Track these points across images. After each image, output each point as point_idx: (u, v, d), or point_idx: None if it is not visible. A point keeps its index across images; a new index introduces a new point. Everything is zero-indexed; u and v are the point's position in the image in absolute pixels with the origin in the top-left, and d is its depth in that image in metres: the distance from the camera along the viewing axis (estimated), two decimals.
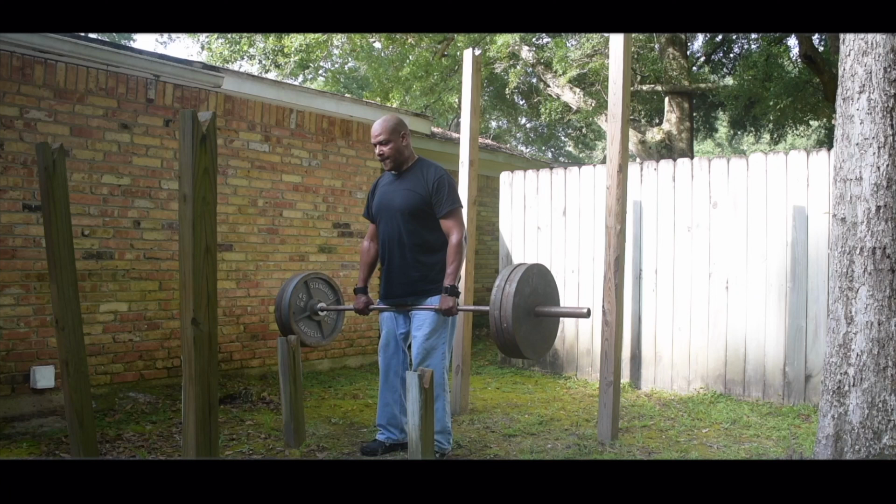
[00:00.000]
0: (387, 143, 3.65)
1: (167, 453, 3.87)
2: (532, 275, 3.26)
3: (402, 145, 3.68)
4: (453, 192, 3.67)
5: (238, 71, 6.06)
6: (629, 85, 4.26)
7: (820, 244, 4.99)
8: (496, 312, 3.15)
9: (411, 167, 3.75)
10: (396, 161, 3.70)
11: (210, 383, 2.29)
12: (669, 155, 10.27)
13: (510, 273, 3.23)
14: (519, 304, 3.15)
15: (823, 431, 3.01)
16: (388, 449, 3.89)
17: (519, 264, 3.32)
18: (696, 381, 5.54)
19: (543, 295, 3.36)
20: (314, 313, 4.09)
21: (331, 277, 4.20)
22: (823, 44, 10.91)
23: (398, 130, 3.67)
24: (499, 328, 3.15)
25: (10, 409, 4.39)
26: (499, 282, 3.20)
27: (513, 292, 3.12)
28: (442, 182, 3.65)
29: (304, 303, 3.96)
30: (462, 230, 3.64)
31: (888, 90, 2.83)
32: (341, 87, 17.52)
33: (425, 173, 3.69)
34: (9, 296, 4.48)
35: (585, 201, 6.18)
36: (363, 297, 3.88)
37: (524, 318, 3.21)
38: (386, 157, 3.68)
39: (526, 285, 3.21)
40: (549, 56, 10.94)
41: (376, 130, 3.66)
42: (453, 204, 3.65)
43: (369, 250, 3.95)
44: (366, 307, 3.87)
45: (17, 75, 4.49)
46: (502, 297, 3.14)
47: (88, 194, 4.83)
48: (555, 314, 3.37)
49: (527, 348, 3.22)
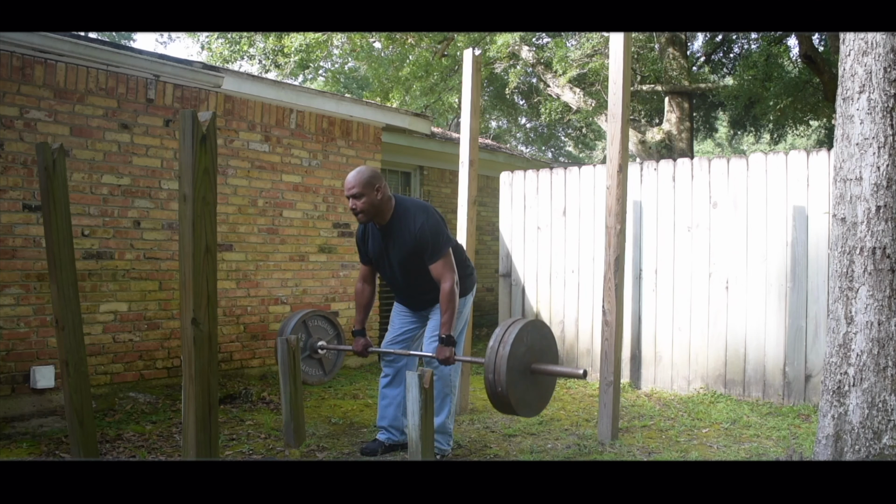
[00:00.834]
0: (360, 197, 3.48)
1: (167, 453, 3.87)
2: (527, 332, 3.24)
3: (376, 199, 3.51)
4: (438, 238, 3.54)
5: (238, 71, 6.06)
6: (629, 85, 4.26)
7: (820, 244, 4.99)
8: (490, 376, 3.14)
9: (393, 218, 3.60)
10: (370, 215, 3.55)
11: (210, 383, 2.29)
12: (669, 155, 10.27)
13: (504, 333, 3.21)
14: (514, 366, 3.14)
15: (823, 431, 3.01)
16: (388, 449, 3.90)
17: (514, 321, 3.30)
18: (696, 381, 5.54)
19: (540, 350, 3.33)
20: (314, 352, 4.14)
21: (328, 313, 4.26)
22: (823, 44, 10.91)
23: (372, 184, 3.49)
24: (493, 391, 3.15)
25: (10, 409, 4.39)
26: (492, 343, 3.19)
27: (507, 355, 3.11)
28: (424, 232, 3.52)
29: (303, 342, 3.96)
30: (453, 275, 3.53)
31: (888, 90, 2.83)
32: (341, 87, 17.53)
33: (409, 225, 3.56)
34: (9, 296, 4.48)
35: (585, 201, 6.18)
36: (362, 339, 3.83)
37: (519, 379, 3.19)
38: (359, 211, 3.52)
39: (520, 345, 3.19)
40: (549, 56, 10.94)
41: (349, 183, 3.50)
42: (440, 251, 3.53)
43: (363, 292, 3.89)
44: (365, 349, 3.83)
45: (17, 75, 4.49)
46: (496, 360, 3.13)
47: (88, 194, 4.83)
48: (549, 373, 3.32)
49: (522, 408, 3.23)
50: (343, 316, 6.36)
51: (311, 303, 6.12)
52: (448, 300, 3.49)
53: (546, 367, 3.28)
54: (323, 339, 4.17)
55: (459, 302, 3.78)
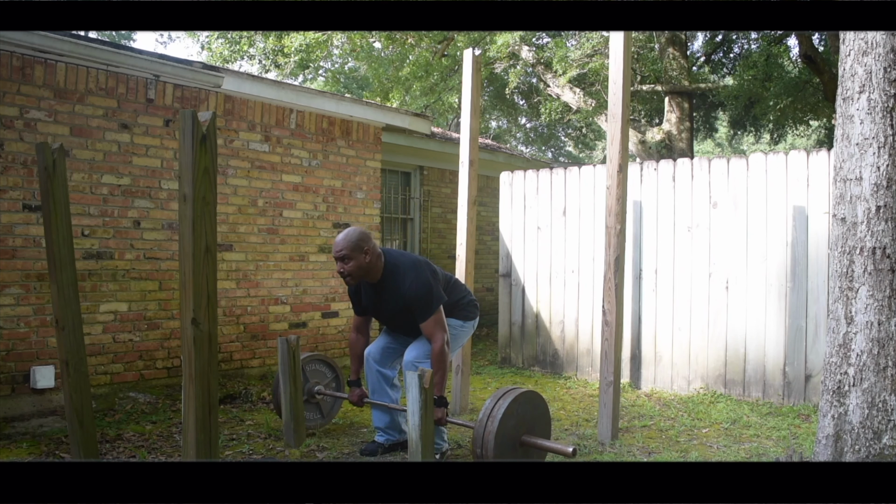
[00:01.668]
0: (348, 261, 3.52)
1: (167, 453, 3.87)
2: (518, 405, 3.24)
3: (364, 262, 3.54)
4: (426, 298, 3.56)
5: (238, 71, 6.06)
6: (629, 85, 4.26)
7: (820, 244, 4.99)
8: (478, 450, 3.16)
9: (383, 276, 3.65)
10: (357, 278, 3.59)
11: (210, 383, 2.29)
12: (669, 155, 10.27)
13: (494, 406, 3.21)
14: (501, 442, 3.16)
15: (823, 431, 3.01)
16: (388, 449, 3.90)
17: (506, 392, 3.29)
18: (696, 381, 5.54)
19: (531, 420, 3.33)
20: (311, 396, 4.16)
21: (325, 356, 4.30)
22: (823, 44, 10.91)
23: (361, 247, 3.52)
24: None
25: (10, 409, 4.39)
26: (482, 416, 3.19)
27: (495, 430, 3.12)
28: (415, 292, 3.55)
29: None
30: (443, 334, 3.55)
31: (888, 90, 2.83)
32: (341, 87, 17.53)
33: (399, 285, 3.60)
34: (9, 296, 4.47)
35: (585, 201, 6.18)
36: (357, 389, 3.89)
37: (507, 453, 3.20)
38: (346, 274, 3.55)
39: (510, 419, 3.20)
40: (549, 56, 10.94)
41: (338, 245, 3.53)
42: (429, 311, 3.55)
43: (357, 342, 3.93)
44: (360, 399, 3.87)
45: (17, 75, 4.49)
46: (484, 434, 3.15)
47: (88, 194, 4.83)
48: (539, 447, 3.33)
49: None
50: (342, 316, 6.36)
51: (311, 303, 6.13)
52: (438, 360, 3.51)
53: (535, 442, 3.29)
54: (321, 381, 4.24)
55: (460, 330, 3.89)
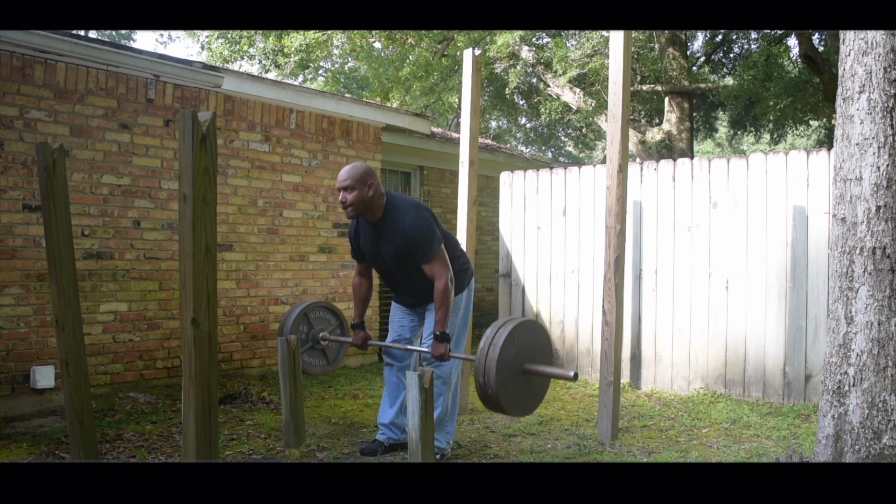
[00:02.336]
0: (350, 191, 3.50)
1: (167, 453, 3.87)
2: (518, 333, 3.21)
3: (367, 195, 3.52)
4: (428, 237, 3.52)
5: (238, 71, 6.06)
6: (629, 85, 4.26)
7: (820, 244, 4.99)
8: (480, 378, 3.13)
9: (385, 216, 3.61)
10: (358, 211, 3.55)
11: (210, 383, 2.29)
12: (669, 155, 10.27)
13: (494, 335, 3.18)
14: (503, 368, 3.12)
15: (823, 431, 3.01)
16: (388, 449, 3.90)
17: (506, 322, 3.26)
18: (696, 381, 5.54)
19: (532, 349, 3.30)
20: (316, 342, 4.13)
21: (330, 303, 4.24)
22: (823, 44, 10.91)
23: (364, 180, 3.51)
24: (484, 393, 3.13)
25: (10, 409, 4.39)
26: (482, 344, 3.17)
27: (496, 358, 3.09)
28: (417, 231, 3.51)
29: (304, 334, 3.96)
30: (447, 272, 3.53)
31: (888, 90, 2.83)
32: (341, 87, 17.53)
33: (400, 224, 3.56)
34: (9, 296, 4.48)
35: (585, 201, 6.18)
36: (361, 332, 3.87)
37: (510, 380, 3.17)
38: (348, 204, 3.52)
39: (511, 347, 3.17)
40: (549, 56, 10.94)
41: (342, 176, 3.52)
42: (431, 250, 3.53)
43: (361, 286, 3.91)
44: (364, 343, 3.86)
45: (17, 75, 4.49)
46: (486, 362, 3.12)
47: (88, 194, 4.83)
48: (541, 374, 3.29)
49: (514, 408, 3.21)
50: None
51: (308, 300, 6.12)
52: (442, 298, 3.50)
53: (537, 368, 3.26)
54: (325, 329, 4.14)
55: (456, 299, 3.80)
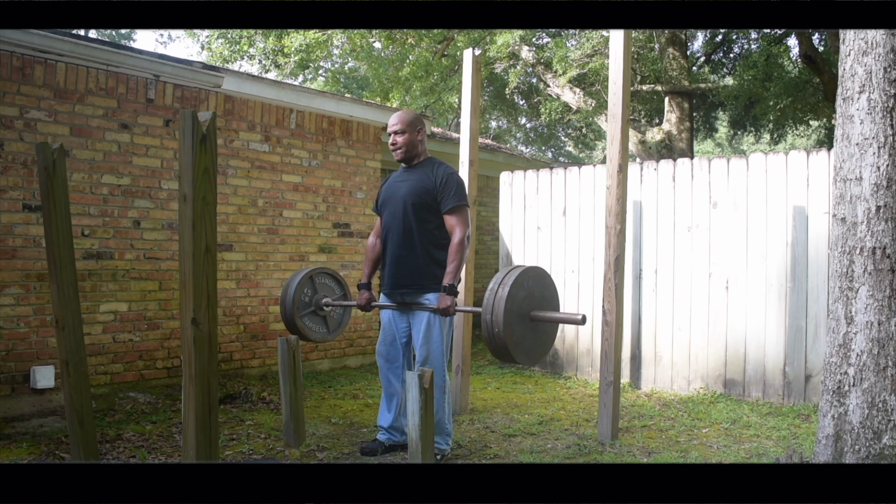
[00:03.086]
0: (402, 133, 3.69)
1: (167, 453, 3.87)
2: (528, 278, 3.14)
3: (416, 139, 3.72)
4: (460, 190, 3.65)
5: (238, 71, 6.06)
6: (629, 85, 4.26)
7: (820, 244, 4.99)
8: (487, 316, 3.04)
9: (422, 162, 3.78)
10: (407, 153, 3.73)
11: (210, 383, 2.29)
12: (669, 155, 10.27)
13: (504, 276, 3.12)
14: (511, 308, 3.04)
15: (823, 431, 3.01)
16: (388, 449, 3.89)
17: (515, 267, 3.21)
18: (696, 381, 5.54)
19: (540, 298, 3.23)
20: (319, 308, 4.06)
21: (336, 272, 4.16)
22: (823, 44, 10.91)
23: (415, 125, 3.71)
24: (490, 332, 3.05)
25: (10, 409, 4.39)
26: (492, 285, 3.10)
27: (505, 296, 3.01)
28: (451, 178, 3.66)
29: (308, 298, 3.94)
30: (465, 229, 3.61)
31: (888, 90, 2.83)
32: (341, 87, 17.52)
33: (435, 169, 3.71)
34: (9, 296, 4.47)
35: (585, 201, 6.18)
36: (366, 292, 3.87)
37: (517, 322, 3.09)
38: (398, 146, 3.70)
39: (520, 289, 3.10)
40: (548, 56, 10.94)
41: (393, 120, 3.71)
42: (459, 201, 3.63)
43: (374, 246, 3.93)
44: (368, 303, 3.84)
45: (17, 75, 4.49)
46: (494, 301, 3.03)
47: (88, 194, 4.83)
48: (549, 319, 3.23)
49: (519, 353, 3.12)
50: None
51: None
52: (457, 250, 3.56)
53: (545, 314, 3.19)
54: (329, 296, 4.09)
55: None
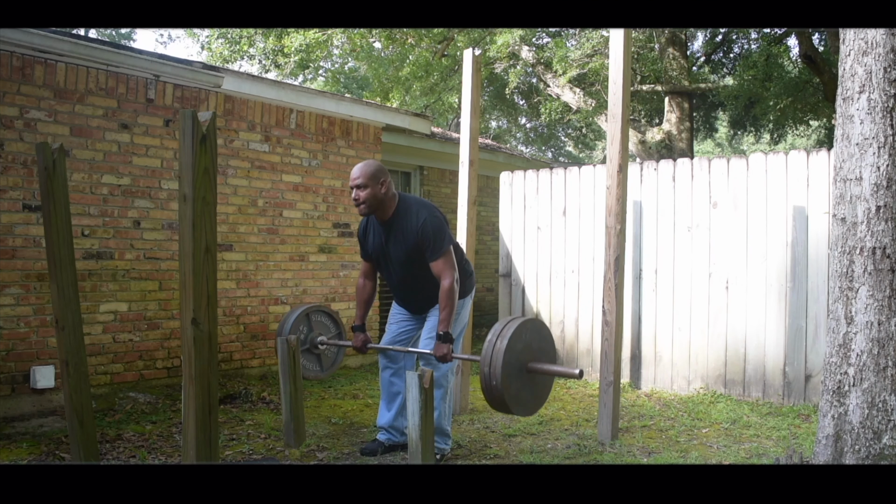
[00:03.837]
0: (364, 188, 3.53)
1: (167, 453, 3.87)
2: (525, 330, 3.20)
3: (380, 193, 3.55)
4: (439, 235, 3.54)
5: (238, 71, 6.06)
6: (629, 85, 4.26)
7: (820, 244, 4.99)
8: (486, 369, 3.10)
9: (395, 214, 3.63)
10: (371, 208, 3.58)
11: (210, 383, 2.29)
12: (669, 155, 10.26)
13: (503, 328, 3.17)
14: (509, 361, 3.09)
15: (823, 431, 3.01)
16: (388, 449, 3.89)
17: (513, 318, 3.26)
18: (696, 381, 5.54)
19: (537, 350, 3.29)
20: (314, 346, 4.12)
21: (332, 310, 4.24)
22: (823, 44, 10.91)
23: (377, 177, 3.54)
24: (488, 384, 3.10)
25: (10, 409, 4.39)
26: (490, 336, 3.16)
27: (504, 349, 3.07)
28: (426, 228, 3.53)
29: (304, 335, 3.96)
30: (453, 273, 3.53)
31: (888, 90, 2.83)
32: (341, 87, 17.53)
33: (410, 222, 3.58)
34: (9, 296, 4.47)
35: (585, 201, 6.18)
36: (361, 335, 3.84)
37: (515, 375, 3.15)
38: (361, 202, 3.55)
39: (518, 341, 3.15)
40: (548, 56, 10.93)
41: (355, 174, 3.55)
42: (441, 248, 3.54)
43: (365, 288, 3.90)
44: (364, 345, 3.84)
45: (17, 75, 4.49)
46: (493, 353, 3.08)
47: (88, 194, 4.83)
48: (546, 372, 3.28)
49: (516, 406, 3.17)
50: (344, 316, 6.36)
51: (311, 303, 6.12)
52: (447, 297, 3.49)
53: (543, 367, 3.24)
54: (324, 334, 4.15)
55: (459, 303, 3.79)
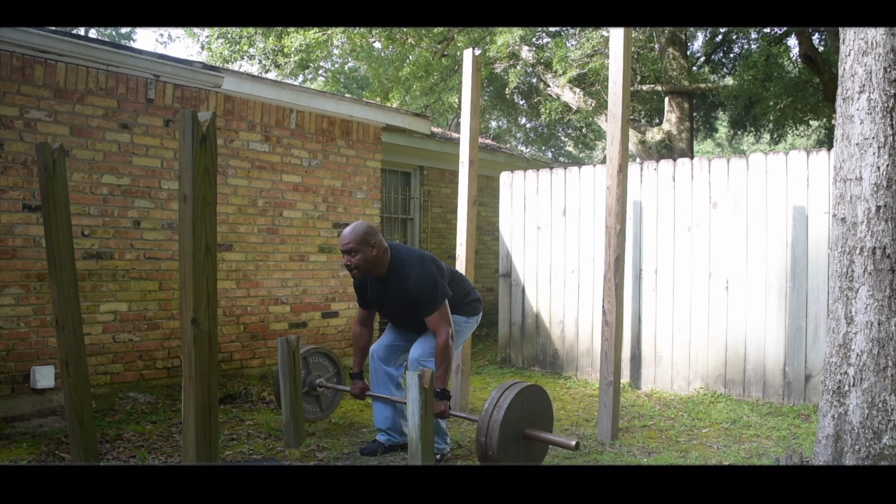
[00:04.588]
0: (355, 254, 3.52)
1: (167, 453, 3.87)
2: (523, 398, 3.24)
3: (371, 256, 3.54)
4: (432, 293, 3.54)
5: (238, 71, 6.05)
6: (629, 85, 4.26)
7: (820, 244, 4.99)
8: (483, 438, 3.15)
9: (389, 270, 3.64)
10: (364, 271, 3.58)
11: (210, 383, 2.29)
12: (669, 155, 10.26)
13: (500, 396, 3.20)
14: (506, 431, 3.14)
15: (823, 431, 3.01)
16: (388, 449, 3.90)
17: (512, 384, 3.28)
18: (696, 381, 5.54)
19: (535, 415, 3.32)
20: (312, 388, 4.13)
21: (330, 350, 4.27)
22: (823, 44, 10.91)
23: (368, 241, 3.53)
24: (484, 454, 3.16)
25: (10, 409, 4.39)
26: (487, 405, 3.19)
27: (500, 420, 3.11)
28: (421, 286, 3.54)
29: (302, 377, 3.96)
30: (448, 328, 3.53)
31: (888, 90, 2.83)
32: (341, 87, 17.53)
33: (404, 279, 3.59)
34: (9, 296, 4.47)
35: (585, 201, 6.18)
36: (360, 382, 3.87)
37: (511, 443, 3.20)
38: (353, 267, 3.55)
39: (515, 410, 3.20)
40: (549, 56, 10.93)
41: (345, 238, 3.54)
42: (434, 305, 3.54)
43: (361, 335, 3.91)
44: (362, 392, 3.86)
45: (17, 75, 4.49)
46: (489, 423, 3.13)
47: (88, 194, 4.83)
48: (542, 440, 3.32)
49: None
50: (342, 316, 6.36)
51: (311, 303, 6.13)
52: (442, 355, 3.50)
53: (539, 435, 3.28)
54: (323, 375, 4.21)
55: (464, 323, 3.87)
